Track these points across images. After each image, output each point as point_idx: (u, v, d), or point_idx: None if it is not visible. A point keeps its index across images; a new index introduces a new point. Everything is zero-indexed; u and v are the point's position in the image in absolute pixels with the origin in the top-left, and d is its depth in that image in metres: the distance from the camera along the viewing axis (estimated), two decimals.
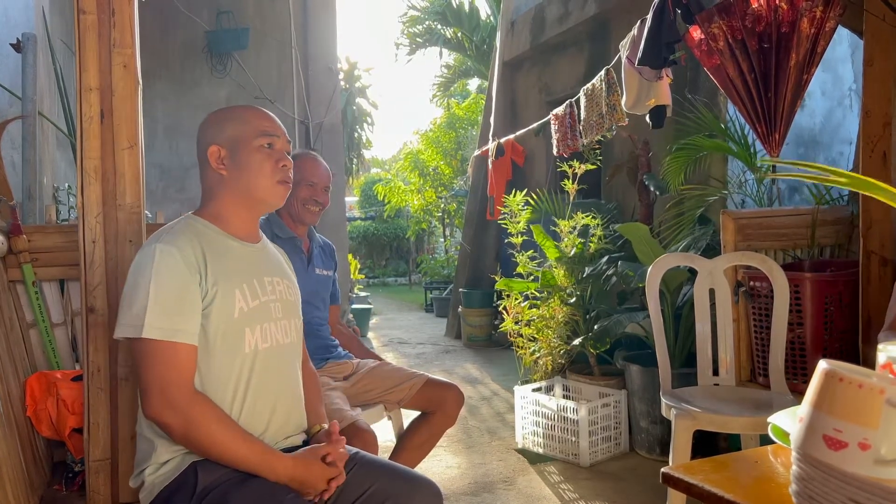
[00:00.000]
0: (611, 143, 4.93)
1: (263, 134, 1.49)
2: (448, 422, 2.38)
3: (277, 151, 1.51)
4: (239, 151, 1.48)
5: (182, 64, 6.00)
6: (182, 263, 1.36)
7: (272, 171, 1.49)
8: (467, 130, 10.13)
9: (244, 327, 1.43)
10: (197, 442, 1.32)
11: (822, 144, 4.36)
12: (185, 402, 1.31)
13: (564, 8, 5.56)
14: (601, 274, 3.62)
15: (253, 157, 1.48)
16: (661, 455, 3.24)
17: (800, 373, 2.58)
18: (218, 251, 1.44)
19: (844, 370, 0.80)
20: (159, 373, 1.31)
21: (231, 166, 1.48)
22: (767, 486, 1.00)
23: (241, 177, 1.48)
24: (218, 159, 1.48)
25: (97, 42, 1.84)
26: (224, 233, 1.49)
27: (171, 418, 1.30)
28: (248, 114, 1.53)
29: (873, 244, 2.39)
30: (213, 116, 1.54)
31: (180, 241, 1.39)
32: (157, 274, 1.33)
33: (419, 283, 11.90)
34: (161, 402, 1.30)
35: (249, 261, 1.51)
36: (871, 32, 2.36)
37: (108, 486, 1.84)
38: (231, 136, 1.48)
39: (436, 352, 6.30)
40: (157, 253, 1.35)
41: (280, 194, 1.52)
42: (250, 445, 1.35)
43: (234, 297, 1.42)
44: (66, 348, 2.23)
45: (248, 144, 1.48)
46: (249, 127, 1.49)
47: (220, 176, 1.49)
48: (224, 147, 1.48)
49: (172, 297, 1.34)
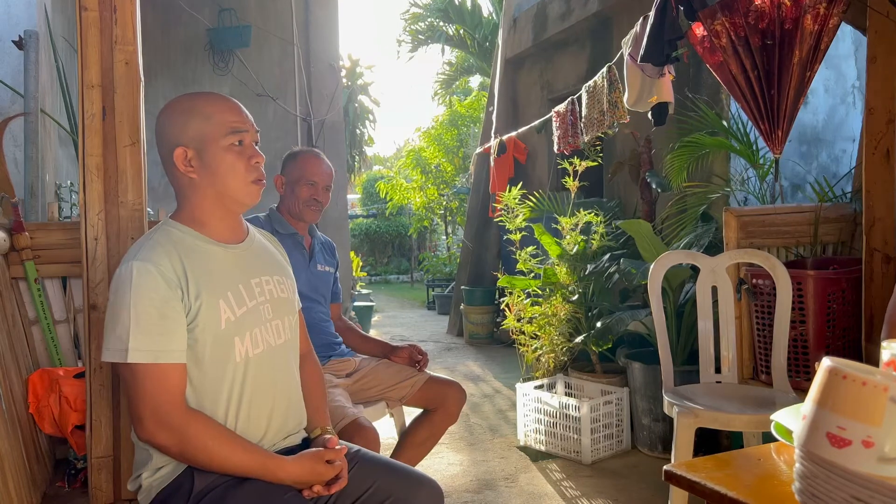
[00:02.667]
0: (613, 141, 4.93)
1: (232, 131, 1.39)
2: (450, 419, 2.38)
3: (248, 147, 1.42)
4: (207, 152, 1.38)
5: (184, 61, 6.00)
6: (161, 280, 1.30)
7: (245, 170, 1.41)
8: (469, 128, 10.13)
9: (233, 337, 1.38)
10: (195, 459, 1.31)
11: (825, 142, 4.35)
12: (178, 421, 1.28)
13: (567, 5, 5.55)
14: (603, 271, 3.61)
15: (223, 159, 1.39)
16: (663, 452, 3.24)
17: (802, 370, 2.58)
18: (198, 260, 1.38)
19: (848, 368, 0.80)
20: (149, 396, 1.27)
21: (200, 168, 1.39)
22: (770, 483, 1.00)
23: (213, 179, 1.40)
24: (185, 161, 1.39)
25: (99, 39, 1.83)
26: (204, 237, 1.42)
27: (166, 439, 1.28)
28: (210, 107, 1.40)
29: (876, 241, 2.38)
30: (172, 111, 1.42)
31: (157, 256, 1.32)
32: (136, 294, 1.28)
33: (421, 281, 11.90)
34: (154, 424, 1.27)
35: (233, 265, 1.44)
36: (874, 29, 2.35)
37: (110, 482, 1.84)
38: (196, 136, 1.38)
39: (438, 349, 6.30)
40: (135, 272, 1.29)
41: (255, 193, 1.44)
42: (250, 455, 1.33)
43: (219, 309, 1.36)
44: (68, 345, 2.23)
45: (216, 144, 1.38)
46: (214, 124, 1.39)
47: (189, 179, 1.40)
48: (190, 148, 1.38)
49: (154, 317, 1.28)
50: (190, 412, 1.31)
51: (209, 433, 1.31)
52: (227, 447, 1.31)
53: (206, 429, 1.31)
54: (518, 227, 3.91)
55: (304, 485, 1.37)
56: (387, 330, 7.53)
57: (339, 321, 2.58)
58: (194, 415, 1.32)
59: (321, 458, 1.39)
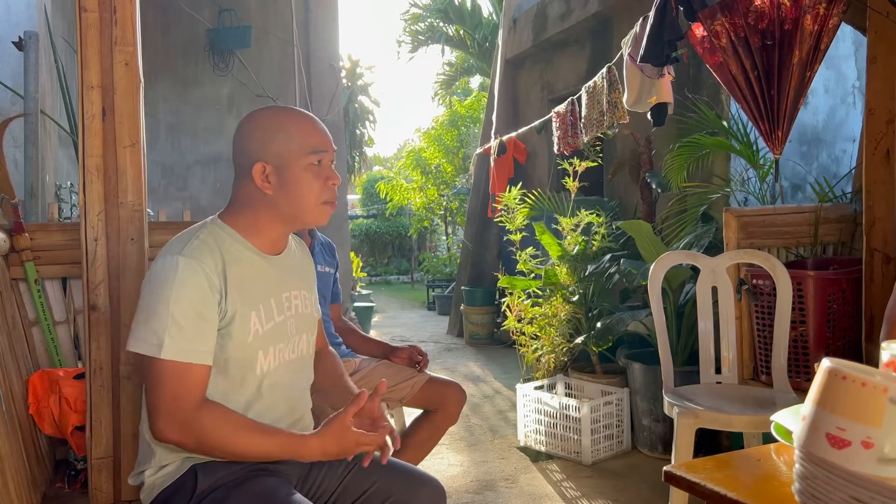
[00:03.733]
0: (612, 141, 4.93)
1: (313, 151, 1.38)
2: (450, 420, 2.38)
3: (326, 168, 1.41)
4: (287, 170, 1.37)
5: (184, 62, 6.00)
6: (204, 280, 1.29)
7: (320, 191, 1.40)
8: (469, 128, 10.13)
9: (257, 350, 1.38)
10: (214, 451, 1.29)
11: (826, 142, 4.35)
12: (192, 416, 1.27)
13: (566, 5, 5.55)
14: (604, 272, 3.61)
15: (302, 177, 1.38)
16: (663, 453, 3.24)
17: (802, 371, 2.58)
18: (239, 268, 1.37)
19: (848, 368, 0.80)
20: (171, 392, 1.26)
21: (277, 185, 1.38)
22: (770, 484, 1.00)
23: (287, 196, 1.38)
24: (263, 177, 1.37)
25: (99, 40, 1.83)
26: (249, 245, 1.41)
27: (182, 437, 1.27)
28: (295, 127, 1.40)
29: (876, 242, 2.38)
30: (256, 126, 1.41)
31: (203, 256, 1.31)
32: (179, 290, 1.27)
33: (421, 282, 11.90)
34: (171, 423, 1.26)
35: (270, 277, 1.43)
36: (874, 30, 2.35)
37: (110, 483, 1.83)
38: (278, 153, 1.37)
39: (438, 350, 6.30)
40: (181, 266, 1.28)
41: (325, 215, 1.43)
42: (271, 438, 1.31)
43: (251, 321, 1.36)
44: (68, 346, 2.23)
45: (297, 163, 1.37)
46: (298, 143, 1.38)
47: (263, 193, 1.38)
48: (270, 164, 1.37)
49: (192, 316, 1.28)
50: (204, 405, 1.29)
51: (224, 422, 1.28)
52: (246, 435, 1.29)
53: (221, 418, 1.28)
54: (518, 228, 3.91)
55: (334, 455, 1.32)
56: (387, 330, 7.53)
57: (339, 322, 2.58)
58: (208, 406, 1.29)
59: (343, 423, 1.32)
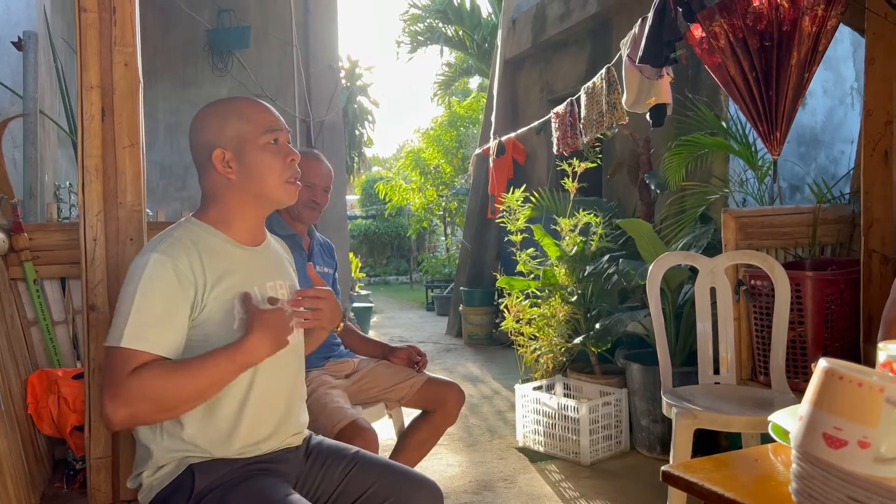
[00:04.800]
0: (611, 142, 4.93)
1: (268, 130, 1.43)
2: (449, 420, 2.38)
3: (283, 146, 1.45)
4: (245, 152, 1.41)
5: (183, 62, 6.00)
6: (174, 276, 1.31)
7: (282, 168, 1.43)
8: (468, 129, 10.13)
9: None
10: (165, 405, 1.26)
11: (824, 143, 4.36)
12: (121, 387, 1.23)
13: (566, 6, 5.55)
14: (602, 272, 3.61)
15: (261, 157, 1.41)
16: (661, 453, 3.24)
17: (801, 371, 2.58)
18: (218, 259, 1.39)
19: (844, 368, 0.80)
20: (111, 376, 1.25)
21: (239, 169, 1.41)
22: (768, 484, 1.00)
23: (251, 179, 1.42)
24: (224, 163, 1.41)
25: (98, 40, 1.83)
26: (227, 238, 1.44)
27: (126, 408, 1.23)
28: (247, 109, 1.45)
29: (874, 243, 2.39)
30: (208, 114, 1.45)
31: (175, 252, 1.33)
32: (146, 284, 1.29)
33: (420, 282, 11.90)
34: (107, 402, 1.23)
35: (251, 267, 1.45)
36: (872, 31, 2.36)
37: (108, 483, 1.84)
38: (234, 137, 1.41)
39: (437, 350, 6.30)
40: (151, 263, 1.30)
41: (291, 192, 1.46)
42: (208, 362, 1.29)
43: (234, 309, 1.38)
44: (67, 346, 2.23)
45: (255, 143, 1.41)
46: (252, 124, 1.42)
47: (227, 180, 1.42)
48: (228, 149, 1.41)
49: (158, 309, 1.29)
50: (131, 374, 1.25)
51: (154, 374, 1.25)
52: (181, 373, 1.27)
53: (148, 372, 1.25)
54: (518, 229, 3.91)
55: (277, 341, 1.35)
56: (386, 331, 7.53)
57: None
58: (135, 374, 1.25)
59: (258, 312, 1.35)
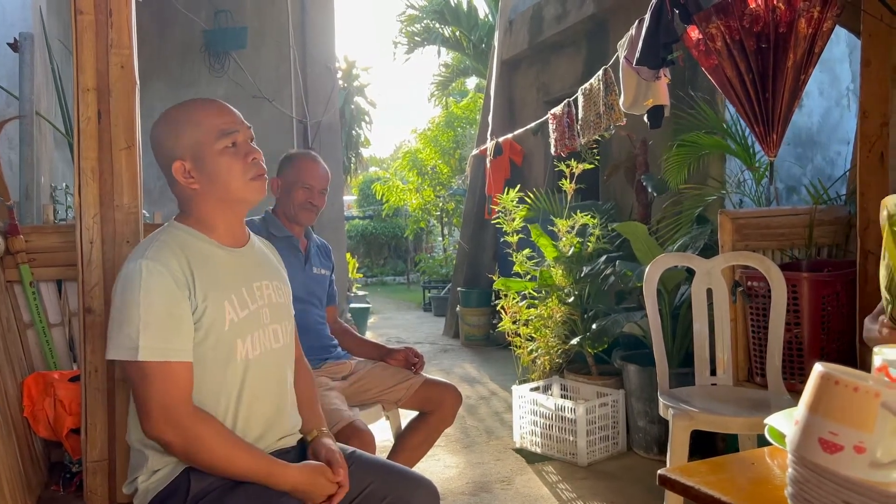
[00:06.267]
0: (608, 143, 4.93)
1: (222, 134, 1.40)
2: (446, 422, 2.38)
3: (242, 146, 1.43)
4: (204, 160, 1.40)
5: (180, 63, 5.99)
6: (170, 279, 1.32)
7: (243, 170, 1.41)
8: (465, 129, 10.13)
9: (235, 338, 1.40)
10: (198, 459, 1.31)
11: (820, 144, 4.36)
12: (186, 419, 1.29)
13: (562, 7, 5.56)
14: (599, 273, 3.62)
15: (220, 162, 1.40)
16: (658, 454, 3.24)
17: (797, 373, 2.58)
18: (205, 262, 1.40)
19: (840, 373, 0.80)
20: (159, 393, 1.28)
21: (200, 178, 1.40)
22: (764, 488, 1.00)
23: (215, 185, 1.41)
24: (185, 174, 1.40)
25: (94, 42, 1.83)
26: (210, 240, 1.44)
27: (173, 436, 1.29)
28: (197, 114, 1.42)
29: (871, 244, 2.39)
30: (162, 126, 1.43)
31: (165, 256, 1.34)
32: (147, 293, 1.29)
33: (417, 283, 11.89)
34: (163, 421, 1.28)
35: (237, 268, 1.46)
36: (868, 33, 2.36)
37: (105, 486, 1.83)
38: (190, 146, 1.39)
39: (434, 351, 6.30)
40: (144, 270, 1.30)
41: (258, 189, 1.44)
42: (255, 460, 1.34)
43: (224, 310, 1.39)
44: (63, 349, 2.22)
45: (211, 149, 1.39)
46: (204, 130, 1.40)
47: (192, 190, 1.42)
48: (187, 159, 1.40)
49: (164, 315, 1.30)
50: (198, 412, 1.32)
51: (215, 432, 1.32)
52: (232, 449, 1.32)
53: (213, 428, 1.32)
54: (515, 230, 3.91)
55: (301, 494, 1.37)
56: (383, 331, 7.52)
57: (335, 324, 2.58)
58: (202, 415, 1.32)
59: (323, 472, 1.40)
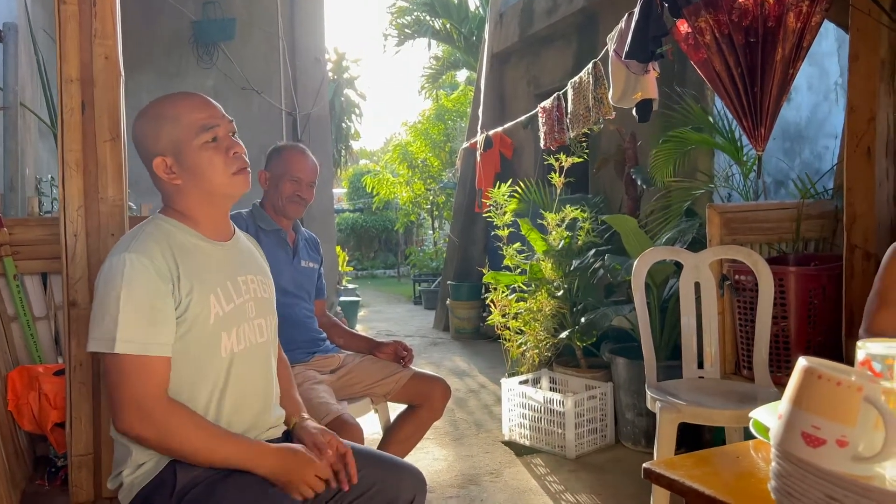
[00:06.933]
0: (598, 137, 4.93)
1: (202, 129, 1.38)
2: (435, 415, 2.39)
3: (223, 140, 1.41)
4: (184, 156, 1.38)
5: (168, 54, 5.93)
6: (153, 272, 1.30)
7: (225, 164, 1.40)
8: (456, 122, 10.11)
9: (220, 332, 1.39)
10: (175, 451, 1.30)
11: (808, 138, 4.38)
12: (160, 413, 1.28)
13: (552, 1, 5.55)
14: (588, 267, 3.62)
15: (201, 158, 1.38)
16: (646, 447, 3.26)
17: (784, 366, 2.60)
18: (190, 255, 1.39)
19: (823, 367, 0.80)
20: (132, 387, 1.27)
21: (182, 173, 1.39)
22: (748, 481, 1.01)
23: (196, 181, 1.40)
24: (166, 170, 1.39)
25: (78, 32, 1.81)
26: (195, 233, 1.43)
27: (146, 431, 1.27)
28: (175, 109, 1.39)
29: (857, 238, 2.40)
30: (142, 122, 1.41)
31: (150, 249, 1.32)
32: (128, 285, 1.28)
33: (407, 276, 11.89)
34: (135, 416, 1.26)
35: (222, 262, 1.45)
36: (856, 27, 2.37)
37: (90, 480, 1.82)
38: (170, 142, 1.38)
39: (424, 344, 6.30)
40: (127, 263, 1.29)
41: (241, 183, 1.43)
42: (234, 445, 1.33)
43: (210, 303, 1.37)
44: (48, 342, 2.21)
45: (191, 145, 1.38)
46: (184, 126, 1.38)
47: (174, 185, 1.41)
48: (168, 155, 1.38)
49: (145, 308, 1.28)
50: (171, 404, 1.31)
51: (190, 425, 1.30)
52: (207, 438, 1.31)
53: (187, 420, 1.31)
54: (505, 224, 3.91)
55: (281, 482, 1.35)
56: (373, 325, 7.52)
57: (324, 317, 2.58)
58: (175, 406, 1.31)
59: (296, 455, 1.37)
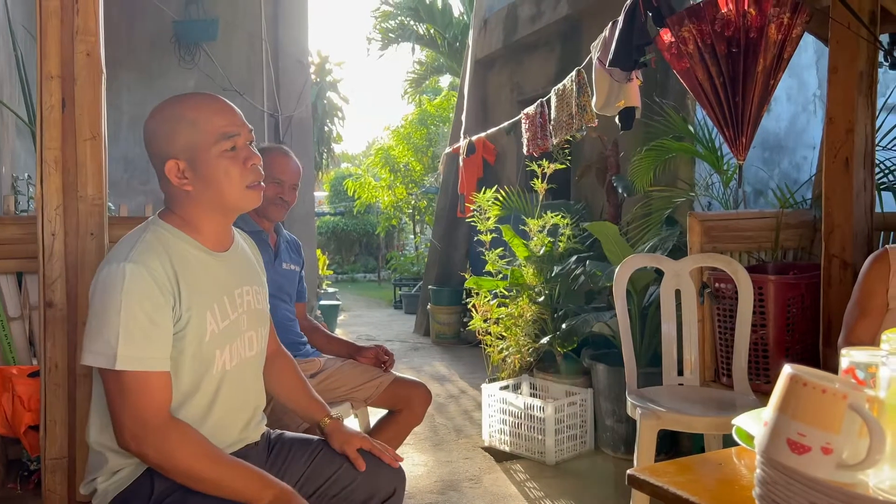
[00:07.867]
0: (580, 144, 4.96)
1: (223, 136, 1.32)
2: (415, 420, 2.37)
3: (242, 150, 1.35)
4: (199, 162, 1.32)
5: (149, 54, 5.88)
6: (153, 285, 1.25)
7: (241, 175, 1.34)
8: (439, 127, 10.11)
9: (215, 349, 1.36)
10: (172, 470, 1.25)
11: (787, 149, 4.44)
12: (161, 430, 1.24)
13: (537, 8, 5.57)
14: (569, 273, 3.64)
15: (218, 166, 1.32)
16: (625, 453, 3.27)
17: (762, 373, 2.62)
18: (189, 268, 1.33)
19: (808, 375, 0.81)
20: (132, 403, 1.23)
21: (195, 180, 1.33)
22: (731, 488, 1.01)
23: (209, 189, 1.33)
24: (178, 174, 1.32)
25: (59, 29, 1.78)
26: (196, 243, 1.37)
27: (147, 449, 1.24)
28: (196, 112, 1.33)
29: (835, 247, 2.44)
30: (157, 120, 1.34)
31: (150, 260, 1.27)
32: (128, 298, 1.23)
33: (388, 280, 11.86)
34: (136, 433, 1.23)
35: (221, 274, 1.40)
36: (836, 40, 2.41)
37: (64, 484, 1.79)
38: (186, 146, 1.31)
39: (404, 349, 6.28)
40: (127, 274, 1.23)
41: (253, 198, 1.38)
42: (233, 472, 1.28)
43: (206, 321, 1.34)
44: (22, 343, 2.17)
45: (208, 152, 1.31)
46: (203, 131, 1.31)
47: (184, 192, 1.34)
48: (182, 159, 1.31)
49: (145, 324, 1.24)
50: (173, 422, 1.26)
51: (193, 445, 1.26)
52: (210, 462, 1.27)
53: (192, 440, 1.26)
54: (488, 229, 3.92)
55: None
56: (353, 329, 7.48)
57: (305, 321, 2.56)
58: (179, 425, 1.27)
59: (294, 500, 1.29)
